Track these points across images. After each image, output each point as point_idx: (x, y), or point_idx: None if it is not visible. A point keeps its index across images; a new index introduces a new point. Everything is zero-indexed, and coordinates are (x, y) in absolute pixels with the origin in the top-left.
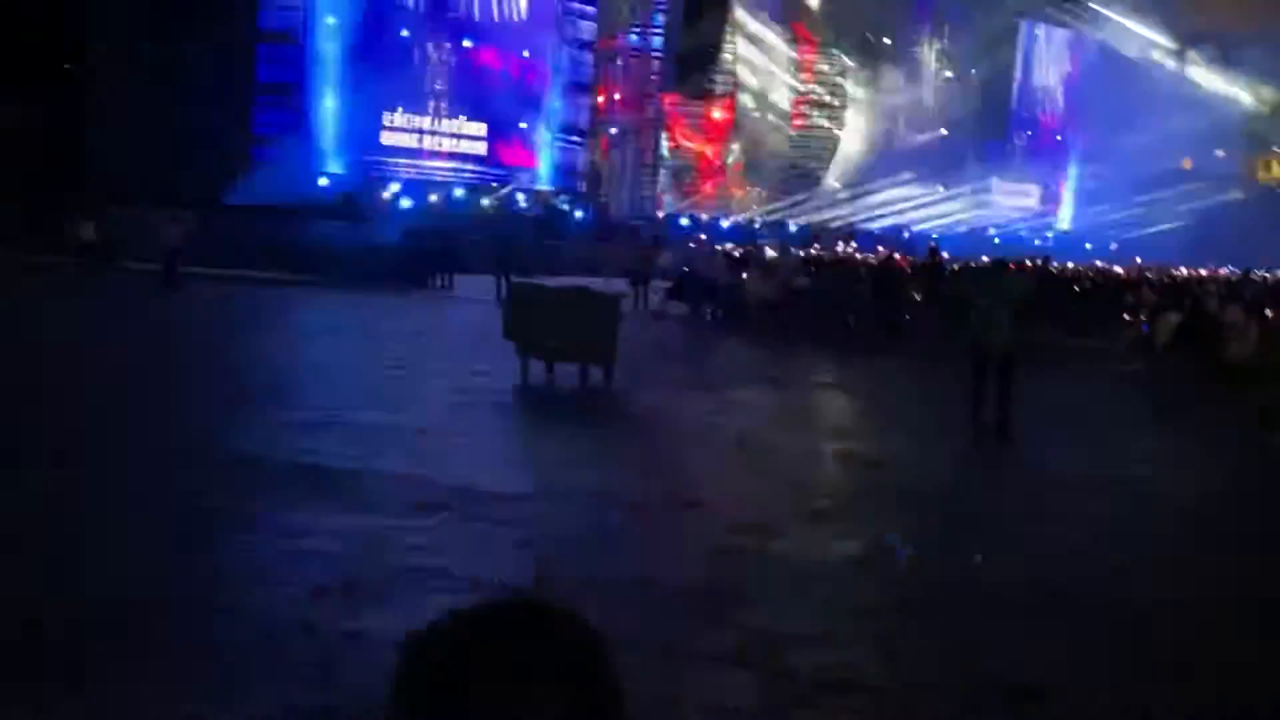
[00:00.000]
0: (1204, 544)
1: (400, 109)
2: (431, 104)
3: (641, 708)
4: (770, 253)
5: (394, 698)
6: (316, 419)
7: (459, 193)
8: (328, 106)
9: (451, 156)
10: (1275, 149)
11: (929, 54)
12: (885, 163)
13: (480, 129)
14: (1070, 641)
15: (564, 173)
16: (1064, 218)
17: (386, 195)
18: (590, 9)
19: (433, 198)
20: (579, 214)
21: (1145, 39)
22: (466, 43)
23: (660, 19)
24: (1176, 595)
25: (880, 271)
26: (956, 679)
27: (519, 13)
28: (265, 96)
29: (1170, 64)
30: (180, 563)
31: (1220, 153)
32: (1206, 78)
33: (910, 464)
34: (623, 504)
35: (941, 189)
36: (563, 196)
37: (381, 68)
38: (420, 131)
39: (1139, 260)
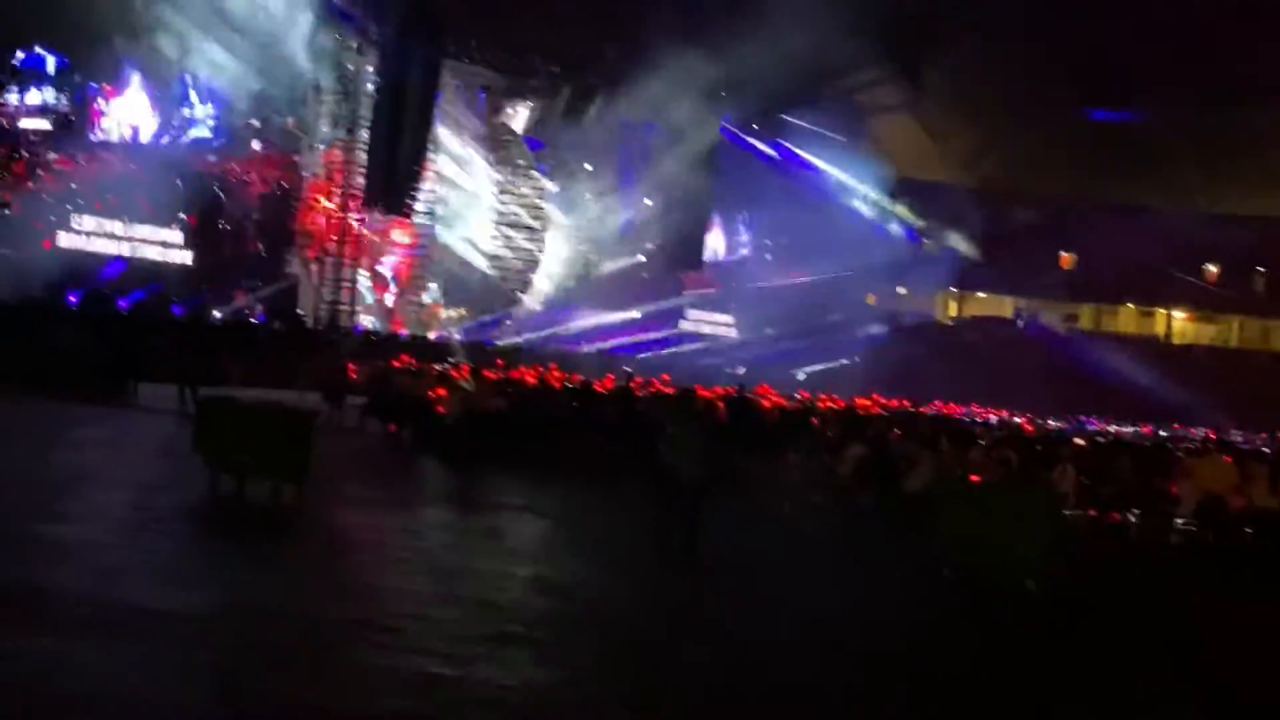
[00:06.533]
0: (856, 670)
1: (92, 213)
2: (126, 208)
3: None
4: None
5: None
6: None
7: (151, 298)
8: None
9: (146, 261)
10: (953, 289)
11: (633, 179)
12: (585, 286)
13: (176, 236)
14: None
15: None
16: (759, 344)
17: (75, 299)
18: (290, 120)
19: (122, 302)
20: (275, 325)
21: (837, 178)
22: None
23: (364, 134)
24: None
25: (578, 395)
26: None
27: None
28: None
29: (859, 204)
30: None
31: (901, 290)
32: (897, 218)
33: (597, 589)
34: (307, 626)
35: (638, 314)
36: (253, 306)
37: (74, 169)
38: (114, 236)
39: (822, 393)
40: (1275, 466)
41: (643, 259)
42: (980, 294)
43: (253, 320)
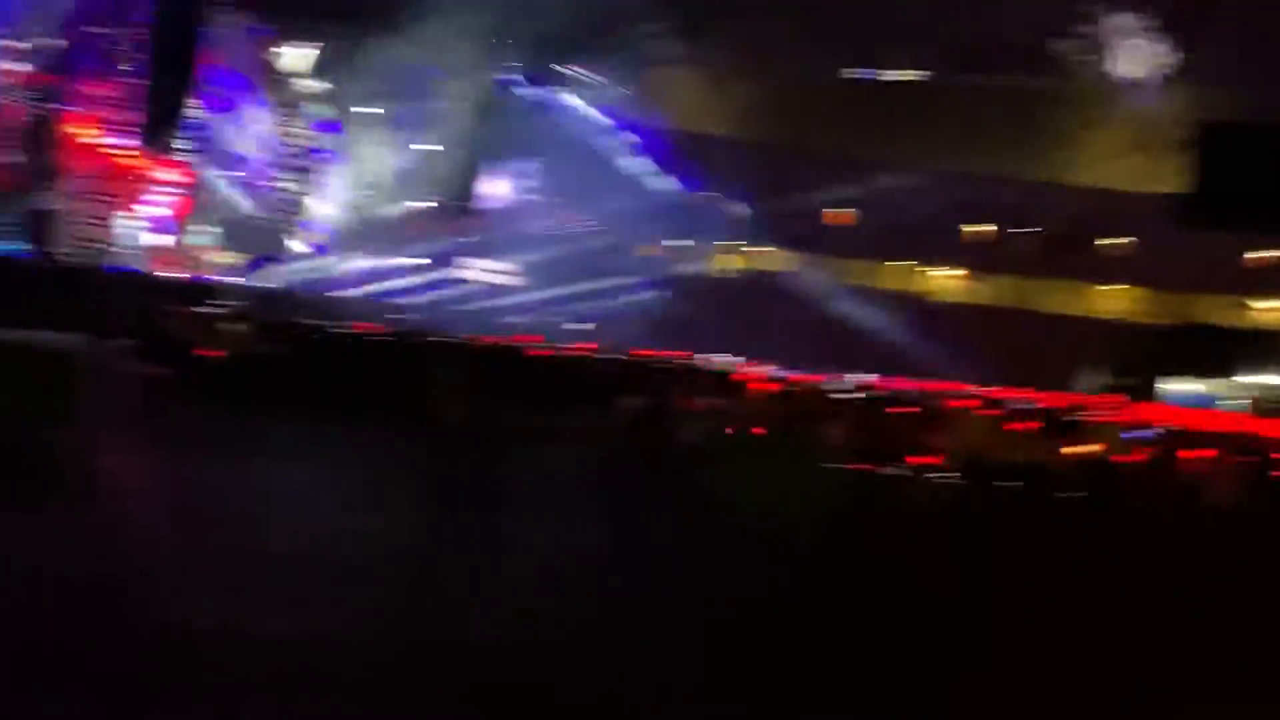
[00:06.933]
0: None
1: None
2: None
3: None
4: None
5: None
6: None
7: None
8: None
9: None
10: (729, 243)
11: (412, 125)
12: (361, 230)
13: None
14: None
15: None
16: (533, 293)
17: None
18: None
19: None
20: (37, 262)
21: (616, 129)
22: None
23: (133, 67)
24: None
25: (353, 340)
26: None
27: None
28: None
29: (637, 155)
30: None
31: (678, 242)
32: (675, 170)
33: (373, 536)
34: (69, 580)
35: (416, 260)
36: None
37: None
38: None
39: (602, 341)
40: (1036, 421)
41: (420, 204)
42: (755, 248)
43: (12, 258)
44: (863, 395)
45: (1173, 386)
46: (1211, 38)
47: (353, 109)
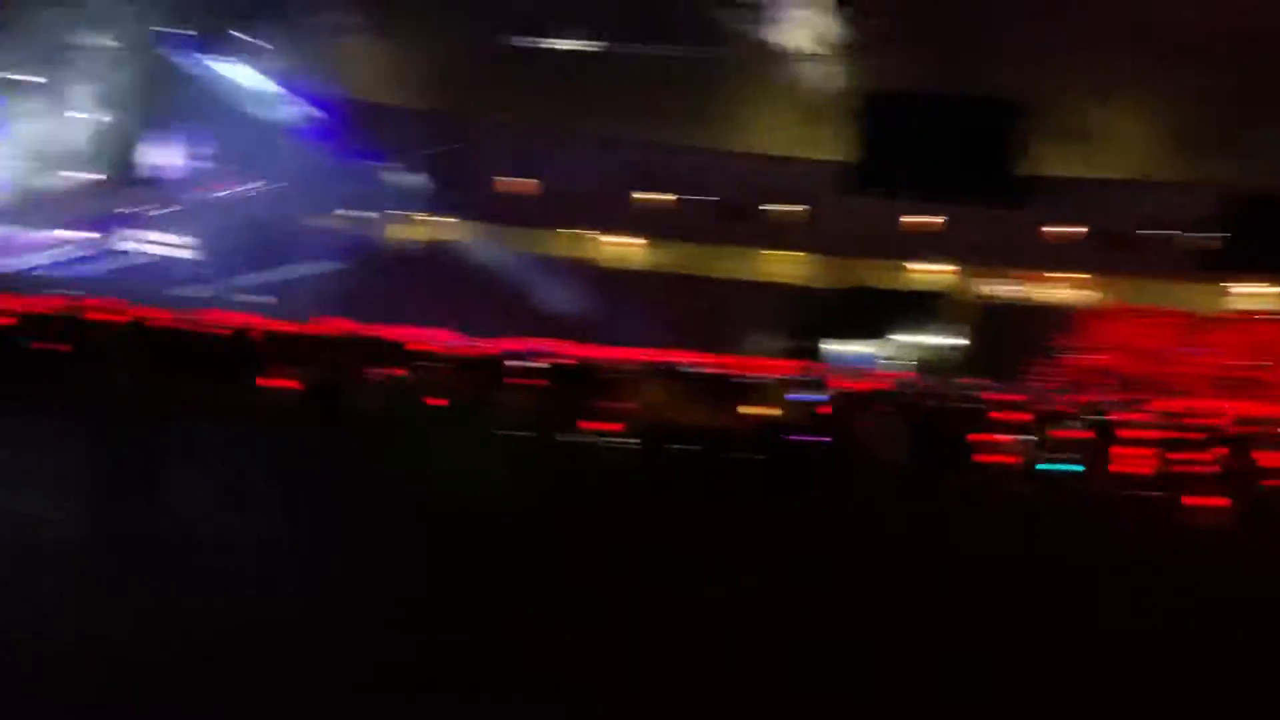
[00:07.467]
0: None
1: None
2: None
3: None
4: None
5: None
6: None
7: None
8: None
9: None
10: (402, 212)
11: (77, 94)
12: (22, 205)
13: None
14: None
15: None
16: (206, 265)
17: None
18: None
19: None
20: None
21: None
22: None
23: None
24: None
25: (21, 319)
26: None
27: None
28: None
29: (311, 124)
30: None
31: (352, 212)
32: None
33: (40, 521)
34: None
35: (81, 232)
36: None
37: None
38: None
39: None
40: (707, 387)
41: (85, 176)
42: (430, 216)
43: None
44: (541, 363)
45: (839, 348)
46: (876, 9)
47: (9, 76)
